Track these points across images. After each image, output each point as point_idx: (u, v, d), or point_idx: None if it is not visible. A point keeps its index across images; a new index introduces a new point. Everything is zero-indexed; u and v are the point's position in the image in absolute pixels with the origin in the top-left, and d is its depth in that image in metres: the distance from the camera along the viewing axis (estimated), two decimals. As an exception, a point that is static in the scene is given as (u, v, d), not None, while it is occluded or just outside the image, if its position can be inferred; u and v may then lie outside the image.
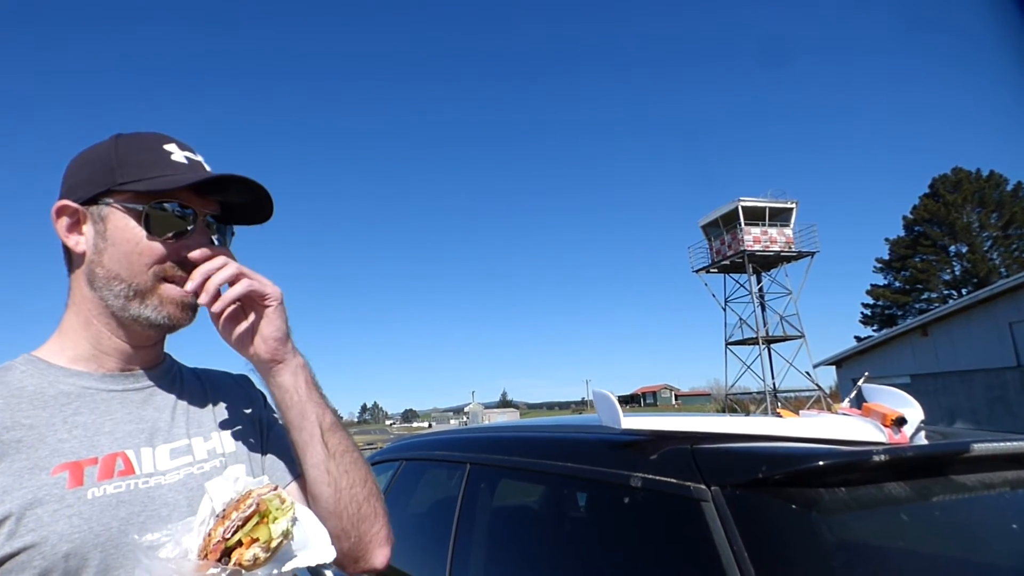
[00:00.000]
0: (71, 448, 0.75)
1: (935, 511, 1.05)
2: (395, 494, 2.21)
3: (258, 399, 1.03)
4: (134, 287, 0.81)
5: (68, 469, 0.73)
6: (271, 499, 0.71)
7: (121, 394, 0.83)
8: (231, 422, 0.94)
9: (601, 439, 1.35)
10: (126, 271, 0.80)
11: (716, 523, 0.97)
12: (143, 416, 0.83)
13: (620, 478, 1.18)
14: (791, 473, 0.97)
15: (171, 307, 0.83)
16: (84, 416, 0.78)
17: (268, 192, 0.88)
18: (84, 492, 0.72)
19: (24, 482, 0.70)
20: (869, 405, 1.22)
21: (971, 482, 1.07)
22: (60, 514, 0.70)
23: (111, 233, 0.81)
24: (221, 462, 0.87)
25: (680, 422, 1.25)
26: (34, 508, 0.69)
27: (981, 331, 14.15)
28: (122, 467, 0.77)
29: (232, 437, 0.92)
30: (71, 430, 0.76)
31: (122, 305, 0.81)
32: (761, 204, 26.57)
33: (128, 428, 0.81)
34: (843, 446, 1.06)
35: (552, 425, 1.82)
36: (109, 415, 0.80)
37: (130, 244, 0.80)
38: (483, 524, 1.62)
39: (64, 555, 0.69)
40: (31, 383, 0.78)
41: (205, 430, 0.89)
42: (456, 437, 2.06)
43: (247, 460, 0.91)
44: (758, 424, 1.23)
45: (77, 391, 0.80)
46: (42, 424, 0.75)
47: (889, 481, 1.01)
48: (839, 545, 0.96)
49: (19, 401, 0.76)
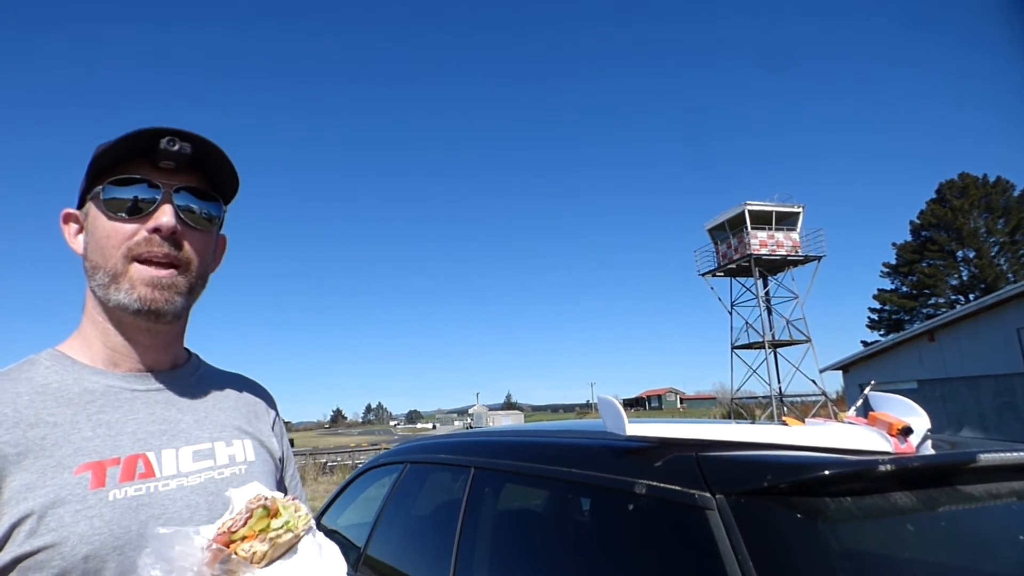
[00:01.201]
0: (95, 447, 0.75)
1: (941, 521, 1.04)
2: (399, 497, 2.21)
3: (280, 424, 1.03)
4: (108, 272, 0.79)
5: (91, 469, 0.73)
6: (286, 504, 0.71)
7: (145, 394, 0.83)
8: (255, 432, 0.93)
9: (606, 445, 1.35)
10: (101, 258, 0.80)
11: (721, 531, 0.97)
12: (166, 417, 0.83)
13: (624, 485, 1.18)
14: (796, 482, 0.97)
15: (142, 288, 0.79)
16: (108, 415, 0.78)
17: (215, 145, 0.83)
18: (106, 494, 0.72)
19: (47, 480, 0.70)
20: (875, 414, 1.21)
21: (977, 492, 1.07)
22: (81, 515, 0.70)
23: (89, 226, 0.83)
24: (242, 470, 0.86)
25: (685, 429, 1.24)
26: (56, 508, 0.69)
27: (989, 336, 14.03)
28: (143, 469, 0.77)
29: (254, 447, 0.91)
30: (95, 428, 0.76)
31: (104, 295, 0.80)
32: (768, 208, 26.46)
33: (151, 429, 0.80)
34: (849, 455, 1.06)
35: (557, 430, 1.82)
36: (132, 415, 0.80)
37: (99, 230, 0.80)
38: (487, 528, 1.62)
39: (83, 557, 0.68)
40: (56, 379, 0.78)
41: (228, 435, 0.89)
42: (460, 441, 2.06)
43: (268, 475, 0.90)
44: (763, 432, 1.23)
45: (101, 389, 0.80)
46: (66, 422, 0.75)
47: (895, 491, 1.01)
48: (844, 555, 0.95)
49: (44, 398, 0.76)
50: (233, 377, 1.01)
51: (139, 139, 0.79)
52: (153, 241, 0.79)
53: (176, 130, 0.80)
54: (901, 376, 15.98)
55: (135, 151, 0.80)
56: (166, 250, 0.80)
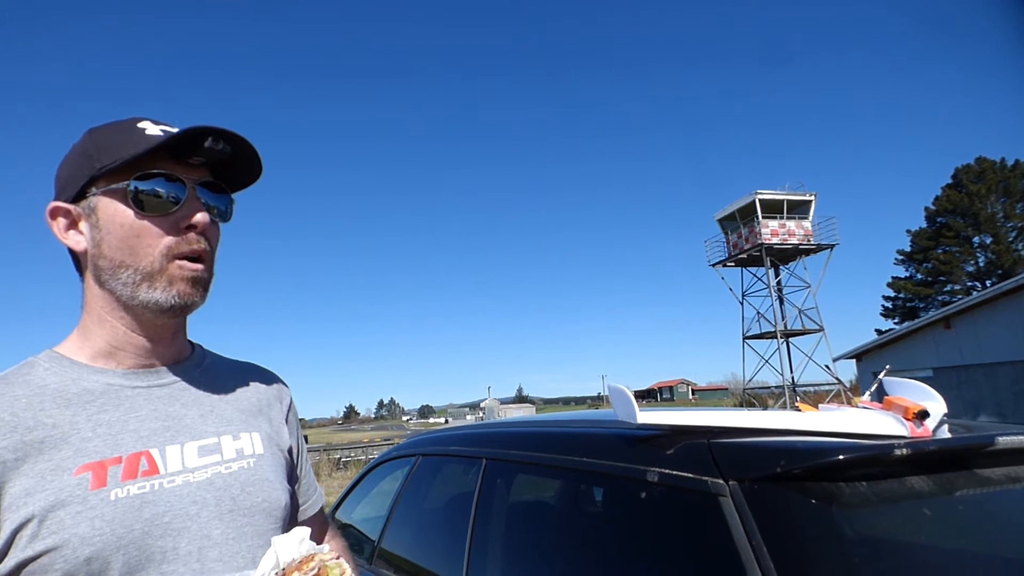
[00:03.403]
0: (95, 447, 0.73)
1: (958, 506, 1.02)
2: (412, 489, 2.22)
3: (294, 413, 1.02)
4: (142, 271, 0.78)
5: (91, 470, 0.71)
6: (333, 567, 0.70)
7: (146, 390, 0.81)
8: (263, 423, 0.92)
9: (617, 434, 1.34)
10: (130, 256, 0.78)
11: (734, 518, 0.96)
12: (170, 413, 0.81)
13: (637, 473, 1.17)
14: (810, 467, 0.96)
15: (181, 285, 0.79)
16: (108, 414, 0.77)
17: (251, 145, 0.84)
18: (107, 493, 0.71)
19: (47, 484, 0.69)
20: (890, 398, 1.20)
21: (996, 476, 1.05)
22: (82, 516, 0.68)
23: (103, 221, 0.79)
24: (250, 463, 0.85)
25: (697, 416, 1.23)
26: (56, 510, 0.68)
27: (1006, 323, 13.84)
28: (146, 467, 0.75)
29: (262, 439, 0.89)
30: (95, 428, 0.75)
31: (131, 294, 0.78)
32: (779, 197, 26.24)
33: (153, 426, 0.79)
34: (864, 440, 1.05)
35: (568, 420, 1.81)
36: (134, 412, 0.78)
37: (124, 227, 0.78)
38: (500, 519, 1.62)
39: (86, 558, 0.67)
40: (54, 380, 0.77)
41: (235, 428, 0.87)
42: (472, 432, 2.06)
43: (277, 467, 0.89)
44: (776, 418, 1.21)
45: (101, 388, 0.78)
46: (65, 423, 0.73)
47: (911, 475, 0.99)
48: (860, 540, 0.94)
49: (42, 400, 0.74)
50: (242, 366, 0.99)
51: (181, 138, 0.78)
52: (191, 239, 0.80)
53: (220, 130, 0.79)
54: (916, 364, 15.82)
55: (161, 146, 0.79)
56: (203, 246, 0.81)
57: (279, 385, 1.02)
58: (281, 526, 0.85)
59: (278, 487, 0.87)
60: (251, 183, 0.91)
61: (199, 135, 0.79)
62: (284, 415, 0.99)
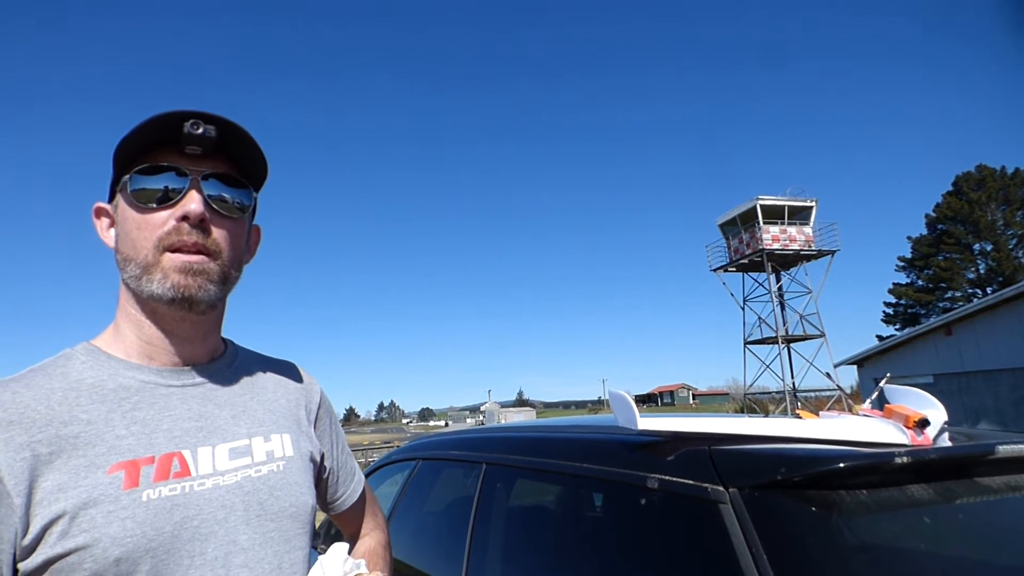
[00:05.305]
0: (128, 446, 0.73)
1: (959, 514, 1.02)
2: (411, 493, 2.22)
3: (325, 409, 1.02)
4: (140, 263, 0.78)
5: (124, 468, 0.71)
6: None
7: (180, 389, 0.81)
8: (293, 424, 0.91)
9: (617, 440, 1.34)
10: (132, 250, 0.78)
11: (734, 525, 0.96)
12: (203, 413, 0.81)
13: (637, 479, 1.17)
14: (811, 475, 0.96)
15: (174, 275, 0.77)
16: (143, 412, 0.76)
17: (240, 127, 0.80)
18: (139, 494, 0.70)
19: (80, 480, 0.68)
20: (891, 406, 1.20)
21: (996, 484, 1.05)
22: (114, 516, 0.68)
23: (120, 218, 0.81)
24: (280, 466, 0.84)
25: (697, 423, 1.23)
26: (88, 508, 0.67)
27: (1006, 330, 13.84)
28: (178, 468, 0.74)
29: (292, 441, 0.89)
30: (129, 426, 0.74)
31: (137, 287, 0.78)
32: (780, 203, 26.28)
33: (186, 426, 0.78)
34: (864, 448, 1.05)
35: (568, 425, 1.81)
36: (168, 411, 0.78)
37: (128, 222, 0.79)
38: (499, 524, 1.62)
39: (115, 559, 0.66)
40: (90, 375, 0.76)
41: (266, 429, 0.86)
42: (472, 437, 2.06)
43: (306, 469, 0.89)
44: (777, 425, 1.21)
45: (137, 385, 0.78)
46: (100, 419, 0.73)
47: (911, 484, 0.99)
48: (860, 548, 0.94)
49: (78, 395, 0.74)
50: (274, 363, 0.99)
51: (162, 125, 0.76)
52: (182, 229, 0.77)
53: (199, 112, 0.77)
54: (917, 370, 15.80)
55: (161, 138, 0.78)
56: (195, 239, 0.78)
57: (310, 382, 1.02)
58: (308, 530, 0.86)
59: (305, 490, 0.87)
60: (263, 173, 0.88)
61: (176, 120, 0.76)
62: (315, 413, 0.98)
